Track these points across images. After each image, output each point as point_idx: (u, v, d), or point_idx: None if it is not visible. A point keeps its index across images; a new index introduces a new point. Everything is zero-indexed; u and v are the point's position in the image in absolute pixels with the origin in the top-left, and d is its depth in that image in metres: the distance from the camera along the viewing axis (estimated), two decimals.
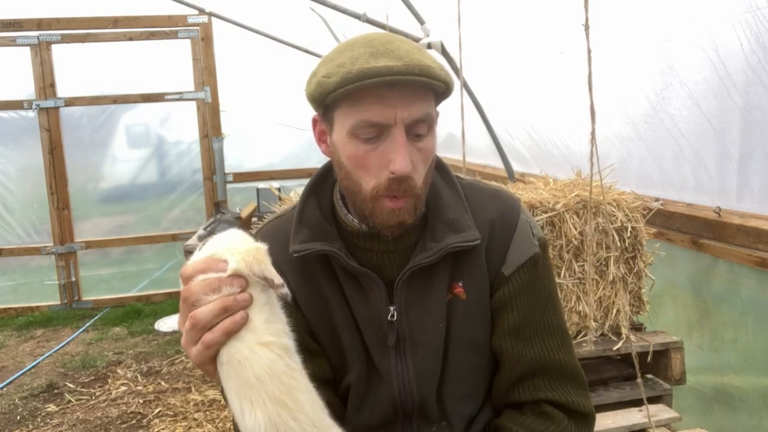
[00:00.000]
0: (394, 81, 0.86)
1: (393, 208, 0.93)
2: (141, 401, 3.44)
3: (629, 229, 2.07)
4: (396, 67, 0.86)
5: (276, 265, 0.87)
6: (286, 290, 0.86)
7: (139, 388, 3.62)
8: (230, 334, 0.79)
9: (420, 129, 0.92)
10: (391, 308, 1.01)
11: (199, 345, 0.80)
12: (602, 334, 2.11)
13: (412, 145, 0.92)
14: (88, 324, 4.79)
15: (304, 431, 0.79)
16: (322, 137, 1.01)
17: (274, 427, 0.77)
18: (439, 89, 0.91)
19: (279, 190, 4.53)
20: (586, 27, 1.25)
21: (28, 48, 4.85)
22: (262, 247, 0.85)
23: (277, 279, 0.84)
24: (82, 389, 3.65)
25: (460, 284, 1.03)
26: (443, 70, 0.92)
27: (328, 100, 0.90)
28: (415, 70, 0.86)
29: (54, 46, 4.90)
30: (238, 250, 0.82)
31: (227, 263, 0.81)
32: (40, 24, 4.84)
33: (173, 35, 5.05)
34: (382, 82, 0.86)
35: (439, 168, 1.09)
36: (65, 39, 4.90)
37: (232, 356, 0.79)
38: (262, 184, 4.85)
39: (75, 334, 4.58)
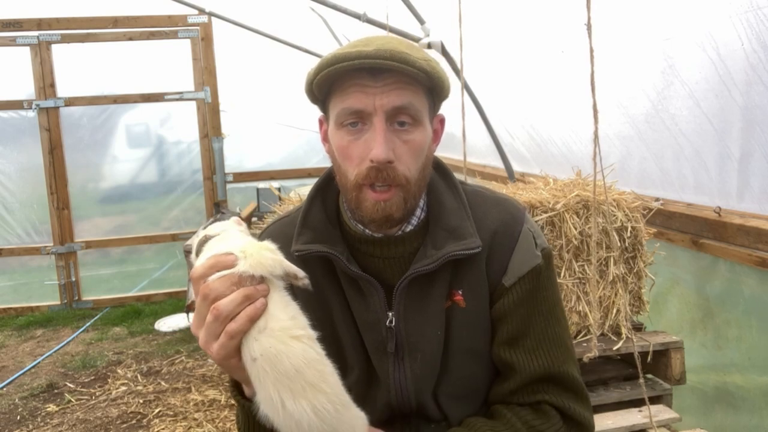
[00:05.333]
0: (364, 65, 0.87)
1: (377, 200, 0.93)
2: (141, 401, 3.44)
3: (629, 229, 2.07)
4: (366, 51, 0.87)
5: None
6: (307, 281, 0.88)
7: (139, 388, 3.62)
8: (253, 320, 0.81)
9: (402, 117, 0.92)
10: (390, 314, 1.00)
11: (222, 337, 0.81)
12: (602, 334, 2.11)
13: (395, 135, 0.92)
14: (88, 324, 4.79)
15: (338, 412, 0.82)
16: (325, 136, 1.02)
17: (318, 415, 0.80)
18: (418, 77, 0.90)
19: (279, 190, 4.53)
20: (589, 26, 1.24)
21: (28, 48, 4.85)
22: (270, 245, 0.87)
23: (299, 272, 0.87)
24: (82, 389, 3.65)
25: (460, 292, 1.02)
26: (427, 62, 0.91)
27: (313, 87, 0.95)
28: (385, 54, 0.87)
29: (54, 46, 4.90)
30: (249, 252, 0.84)
31: (235, 256, 0.83)
32: (40, 24, 4.84)
33: (173, 35, 5.05)
34: (352, 66, 0.87)
35: (442, 173, 1.09)
36: (65, 39, 4.89)
37: (267, 350, 0.80)
38: (262, 184, 4.85)
39: (75, 334, 4.58)
